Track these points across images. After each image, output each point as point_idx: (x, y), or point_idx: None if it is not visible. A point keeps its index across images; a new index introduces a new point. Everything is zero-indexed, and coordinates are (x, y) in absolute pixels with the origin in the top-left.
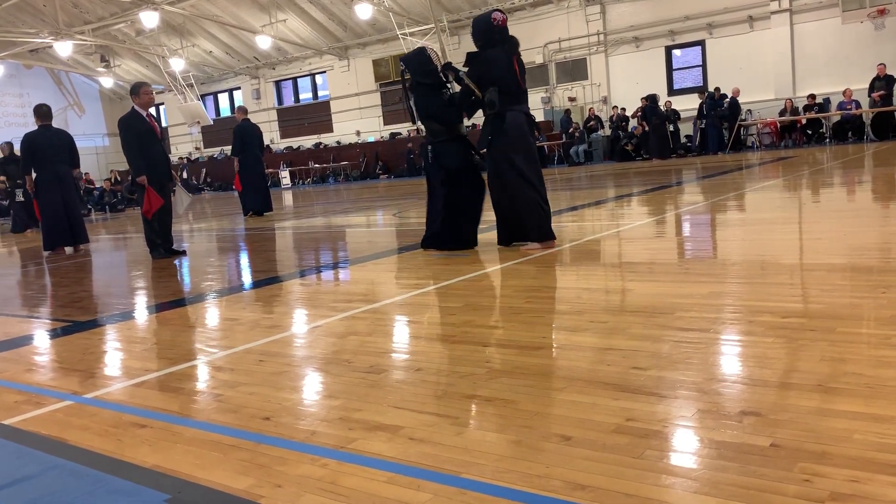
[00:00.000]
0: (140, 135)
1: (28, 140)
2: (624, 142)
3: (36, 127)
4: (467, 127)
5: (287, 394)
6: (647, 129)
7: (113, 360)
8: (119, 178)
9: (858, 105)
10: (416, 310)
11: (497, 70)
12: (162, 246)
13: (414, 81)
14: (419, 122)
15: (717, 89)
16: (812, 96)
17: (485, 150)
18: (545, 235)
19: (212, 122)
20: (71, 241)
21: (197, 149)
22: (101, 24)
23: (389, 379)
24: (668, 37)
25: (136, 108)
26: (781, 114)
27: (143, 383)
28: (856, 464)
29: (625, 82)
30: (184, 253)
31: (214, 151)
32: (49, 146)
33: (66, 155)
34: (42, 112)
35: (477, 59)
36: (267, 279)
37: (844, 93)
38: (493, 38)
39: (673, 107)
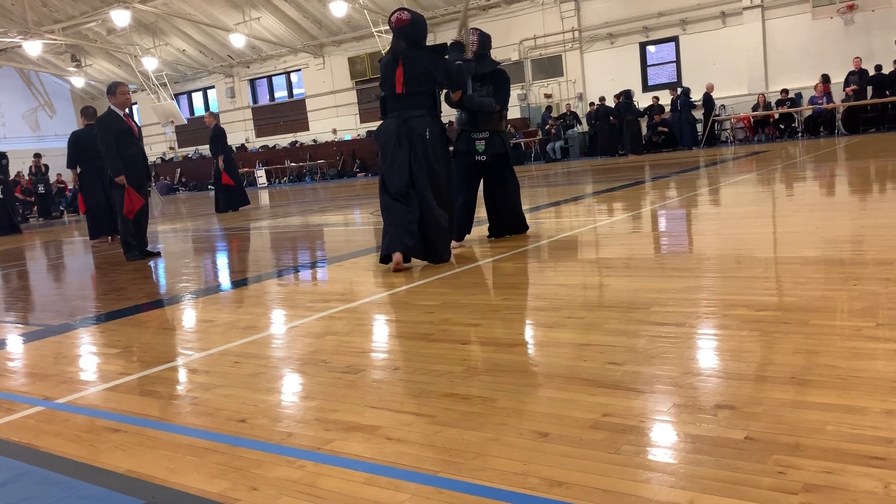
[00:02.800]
0: (118, 134)
1: (74, 138)
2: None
3: (82, 126)
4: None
5: (263, 395)
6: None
7: (86, 364)
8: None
9: (830, 99)
10: (394, 308)
11: (382, 75)
12: (137, 247)
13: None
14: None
15: (688, 90)
16: (785, 91)
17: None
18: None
19: (186, 122)
20: (111, 230)
21: (171, 148)
22: (72, 23)
23: (367, 379)
24: (643, 33)
25: (113, 107)
26: (754, 109)
27: (117, 387)
28: (828, 455)
29: (600, 78)
30: (158, 254)
31: (189, 151)
32: (93, 144)
33: None
34: (88, 113)
35: None
36: (243, 279)
37: (816, 87)
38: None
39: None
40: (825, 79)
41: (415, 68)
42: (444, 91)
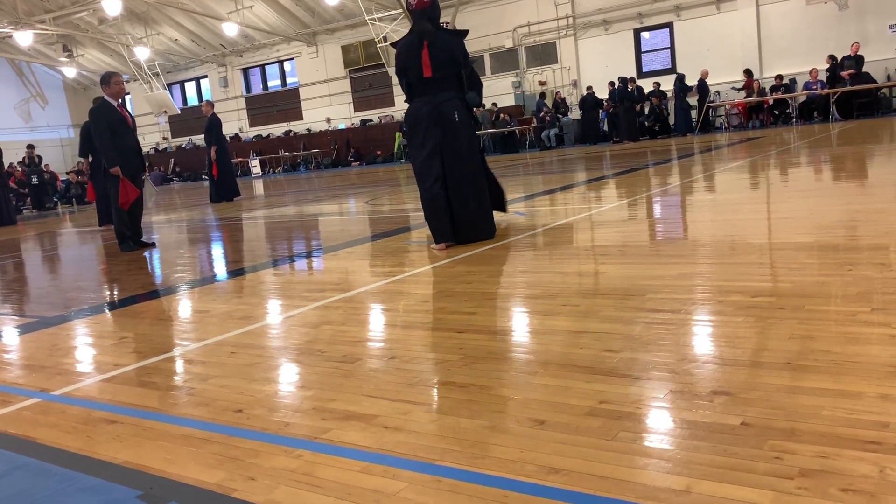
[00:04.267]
0: (112, 125)
1: (86, 128)
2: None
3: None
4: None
5: (260, 385)
6: (616, 111)
7: (82, 355)
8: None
9: (824, 85)
10: (390, 298)
11: (402, 58)
12: (131, 238)
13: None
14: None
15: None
16: (779, 77)
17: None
18: (436, 237)
19: (179, 112)
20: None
21: (165, 138)
22: (63, 12)
23: (363, 368)
24: (637, 19)
25: (107, 98)
26: (748, 94)
27: (114, 378)
28: (824, 440)
29: (594, 65)
30: (153, 245)
31: (183, 141)
32: None
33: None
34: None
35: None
36: (239, 270)
37: (811, 72)
38: (412, 22)
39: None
40: (832, 59)
41: (442, 51)
42: None
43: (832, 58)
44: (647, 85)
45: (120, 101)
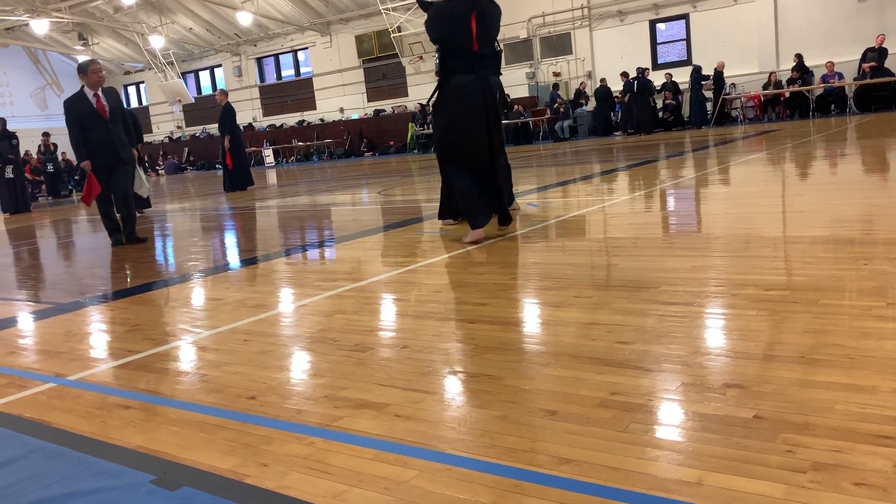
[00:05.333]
0: (83, 117)
1: None
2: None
3: None
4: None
5: (272, 373)
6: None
7: (97, 341)
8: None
9: (842, 77)
10: (402, 287)
11: (445, 25)
12: (120, 232)
13: None
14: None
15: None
16: (799, 57)
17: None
18: (470, 221)
19: (193, 101)
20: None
21: (179, 127)
22: (79, 1)
23: (375, 357)
24: (653, 10)
25: (86, 88)
26: (765, 87)
27: (128, 364)
28: (837, 434)
29: (609, 57)
30: (144, 240)
31: (197, 130)
32: None
33: (131, 130)
34: (117, 95)
35: (429, 7)
36: (252, 258)
37: (827, 65)
38: None
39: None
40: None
41: (490, 25)
42: None
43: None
44: (659, 77)
45: (99, 90)
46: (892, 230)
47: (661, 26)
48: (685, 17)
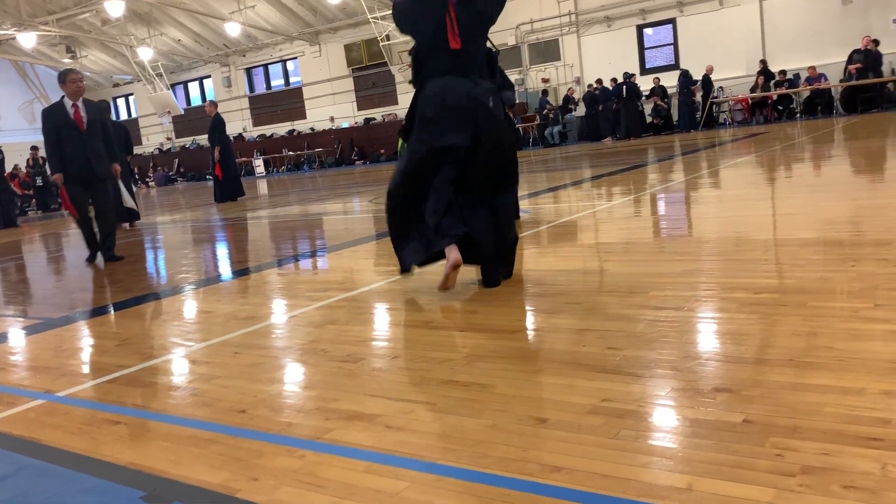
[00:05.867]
0: (59, 128)
1: None
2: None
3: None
4: None
5: (263, 386)
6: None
7: (86, 356)
8: None
9: (826, 79)
10: (393, 297)
11: (414, 12)
12: (96, 247)
13: None
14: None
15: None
16: (783, 72)
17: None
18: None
19: (183, 112)
20: (126, 218)
21: (168, 139)
22: (66, 14)
23: (366, 367)
24: (640, 15)
25: (66, 98)
26: (752, 90)
27: (118, 379)
28: (826, 437)
29: (598, 62)
30: (121, 258)
31: (187, 141)
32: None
33: (123, 143)
34: (103, 107)
35: None
36: (243, 269)
37: (809, 70)
38: None
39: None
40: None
41: (470, 15)
42: None
43: (876, 42)
44: (647, 82)
45: (79, 101)
46: (878, 231)
47: (648, 31)
48: (672, 21)
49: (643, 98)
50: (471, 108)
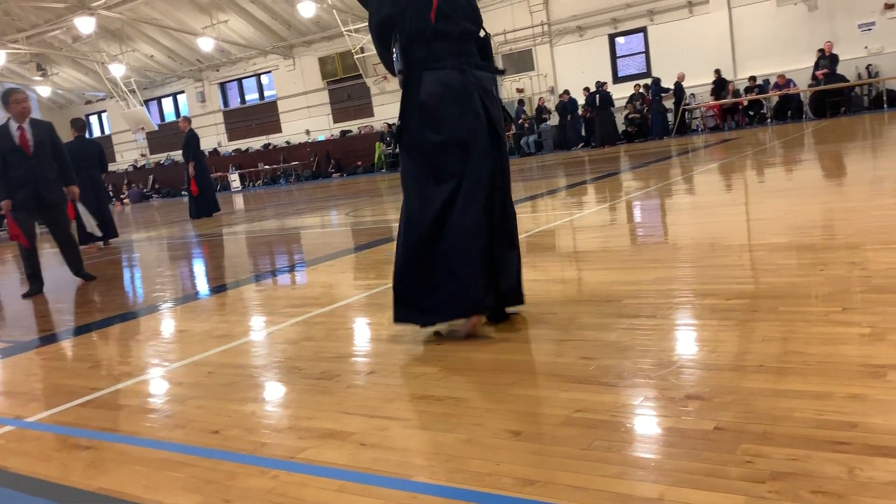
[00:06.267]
0: (4, 153)
1: (66, 149)
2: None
3: (72, 138)
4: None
5: (237, 405)
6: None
7: (58, 380)
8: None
9: (795, 84)
10: (370, 311)
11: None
12: (38, 281)
13: None
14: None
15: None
16: (753, 78)
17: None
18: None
19: (157, 128)
20: (102, 237)
21: (143, 155)
22: (36, 31)
23: (341, 384)
24: (611, 25)
25: (11, 120)
26: (724, 96)
27: (90, 402)
28: (795, 442)
29: (571, 71)
30: (94, 278)
31: (161, 157)
32: (84, 155)
33: (97, 161)
34: (78, 125)
35: None
36: (219, 286)
37: (779, 78)
38: None
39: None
40: (821, 52)
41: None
42: None
43: (821, 51)
44: (621, 90)
45: (25, 123)
46: (848, 235)
47: (620, 40)
48: (643, 30)
49: (615, 106)
50: (477, 98)
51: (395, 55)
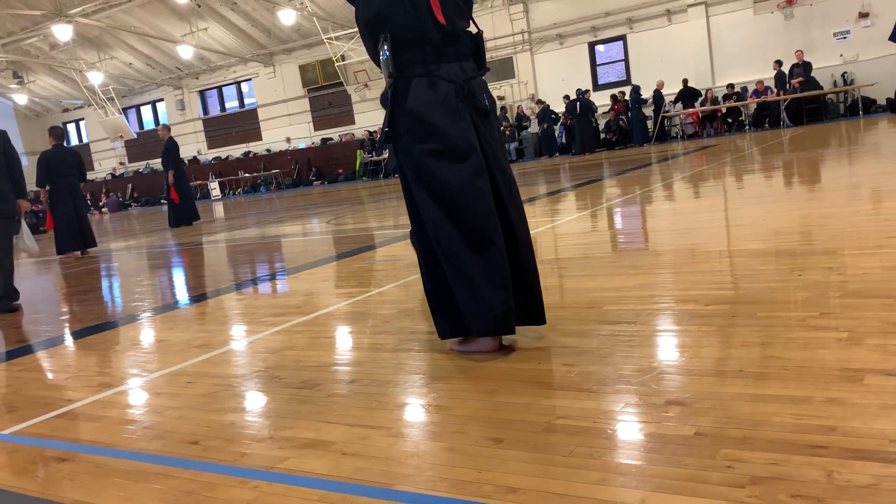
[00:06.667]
0: None
1: (45, 158)
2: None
3: (50, 146)
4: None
5: (217, 416)
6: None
7: (34, 391)
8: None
9: (772, 92)
10: (352, 319)
11: None
12: (6, 298)
13: None
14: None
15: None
16: (731, 86)
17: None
18: (475, 325)
19: (136, 136)
20: (81, 245)
21: (121, 164)
22: (12, 38)
23: (322, 393)
24: (591, 33)
25: None
26: (702, 104)
27: (67, 414)
28: (774, 446)
29: (551, 79)
30: (15, 310)
31: (140, 165)
32: (63, 163)
33: (76, 169)
34: (57, 133)
35: None
36: (199, 296)
37: (758, 84)
38: None
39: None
40: (779, 64)
41: None
42: None
43: (779, 63)
44: (602, 97)
45: None
46: (825, 240)
47: (599, 48)
48: (622, 38)
49: (597, 113)
50: (468, 109)
51: (383, 55)
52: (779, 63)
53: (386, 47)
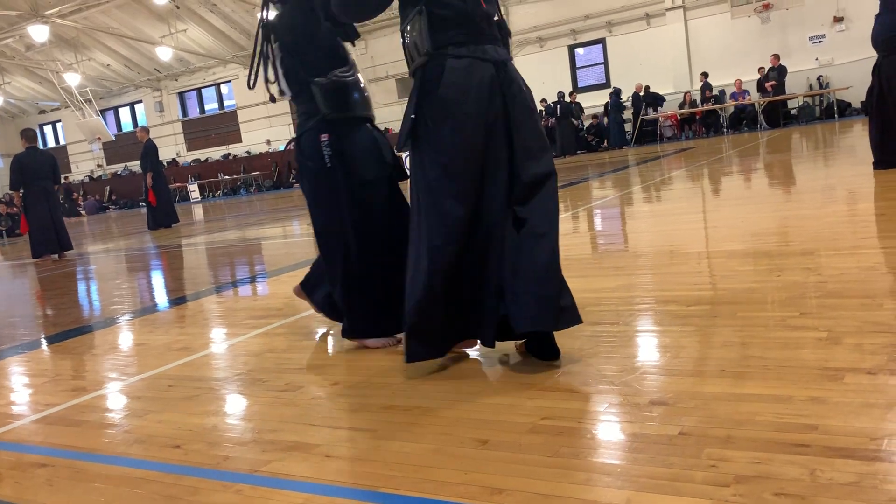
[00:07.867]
0: None
1: (18, 161)
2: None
3: (23, 149)
4: None
5: (198, 419)
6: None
7: (12, 395)
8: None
9: (749, 95)
10: (334, 322)
11: None
12: None
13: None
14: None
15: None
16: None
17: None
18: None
19: (113, 138)
20: (57, 248)
21: (99, 166)
22: None
23: (305, 396)
24: (571, 36)
25: None
26: (681, 107)
27: (46, 418)
28: (757, 445)
29: (531, 82)
30: None
31: (118, 168)
32: (37, 166)
33: (50, 172)
34: (29, 135)
35: None
36: (179, 298)
37: (736, 84)
38: None
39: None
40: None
41: None
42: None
43: (762, 69)
44: (581, 100)
45: None
46: (803, 241)
47: (579, 51)
48: (602, 41)
49: (582, 116)
50: (500, 98)
51: (417, 33)
52: (762, 69)
53: (420, 22)
